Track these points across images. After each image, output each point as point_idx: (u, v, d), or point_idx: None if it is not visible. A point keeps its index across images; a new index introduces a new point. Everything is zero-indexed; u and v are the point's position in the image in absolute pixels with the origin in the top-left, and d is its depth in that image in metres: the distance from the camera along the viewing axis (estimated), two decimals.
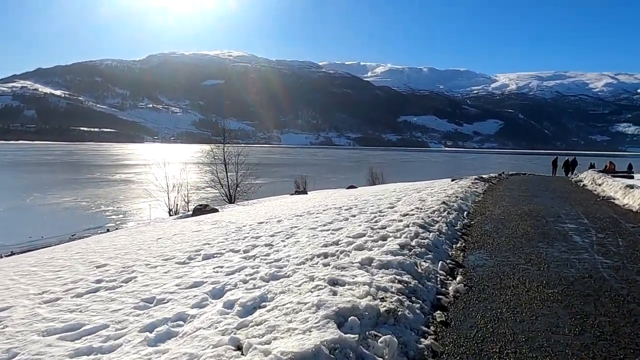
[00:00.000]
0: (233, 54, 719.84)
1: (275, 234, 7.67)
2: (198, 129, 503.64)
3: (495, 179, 21.97)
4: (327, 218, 9.19)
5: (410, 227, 7.12)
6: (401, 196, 13.55)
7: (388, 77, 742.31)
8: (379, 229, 7.24)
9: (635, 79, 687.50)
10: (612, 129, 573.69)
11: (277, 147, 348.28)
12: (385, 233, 6.67)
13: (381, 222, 7.91)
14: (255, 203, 21.79)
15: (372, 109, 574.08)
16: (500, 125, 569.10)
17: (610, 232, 8.03)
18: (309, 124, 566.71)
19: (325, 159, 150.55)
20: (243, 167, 30.95)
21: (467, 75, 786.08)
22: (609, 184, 15.76)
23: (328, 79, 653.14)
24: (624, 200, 12.43)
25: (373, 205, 11.38)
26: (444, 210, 9.15)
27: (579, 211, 10.78)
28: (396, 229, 6.98)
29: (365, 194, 15.69)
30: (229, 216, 12.98)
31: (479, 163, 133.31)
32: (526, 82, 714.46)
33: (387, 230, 6.90)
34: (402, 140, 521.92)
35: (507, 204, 12.10)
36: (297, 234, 7.44)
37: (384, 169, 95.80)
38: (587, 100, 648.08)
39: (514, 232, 8.06)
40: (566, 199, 13.44)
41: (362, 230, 7.09)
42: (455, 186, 15.70)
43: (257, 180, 69.93)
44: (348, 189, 27.75)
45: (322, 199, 16.35)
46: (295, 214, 10.37)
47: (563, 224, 8.91)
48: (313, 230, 7.75)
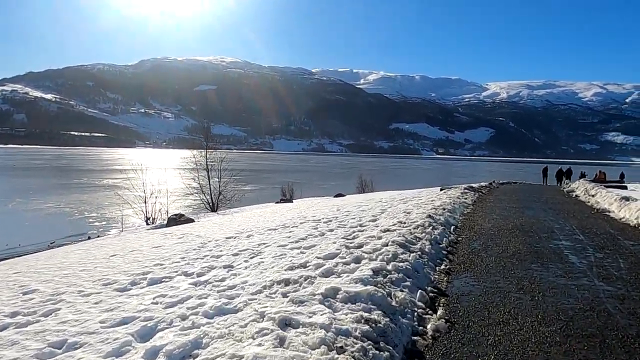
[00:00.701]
0: (226, 60, 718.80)
1: (240, 252, 6.87)
2: (190, 135, 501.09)
3: (485, 188, 21.34)
4: (302, 233, 8.41)
5: (389, 246, 6.36)
6: (386, 207, 12.81)
7: (380, 84, 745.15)
8: (354, 247, 6.47)
9: (623, 89, 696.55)
10: (601, 138, 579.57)
11: (268, 153, 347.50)
12: (360, 254, 5.89)
13: (359, 239, 7.14)
14: (237, 212, 20.96)
15: (364, 116, 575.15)
16: (491, 133, 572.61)
17: (609, 252, 7.32)
18: (301, 131, 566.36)
19: (316, 166, 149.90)
20: (228, 174, 30.04)
21: (459, 83, 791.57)
22: (603, 195, 15.14)
23: (321, 86, 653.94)
24: (620, 213, 11.79)
25: (355, 217, 10.62)
26: (428, 225, 8.40)
27: (574, 225, 10.09)
28: (373, 249, 6.21)
29: (350, 204, 14.94)
30: (200, 228, 12.16)
31: (469, 171, 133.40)
32: (517, 90, 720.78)
33: (362, 250, 6.13)
34: (394, 147, 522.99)
35: (497, 217, 11.40)
36: (264, 253, 6.65)
37: (375, 176, 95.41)
38: (576, 110, 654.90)
39: (504, 251, 7.33)
40: (559, 212, 12.78)
41: (335, 249, 6.32)
42: (443, 196, 15.00)
43: (246, 187, 69.25)
44: (335, 198, 27.02)
45: (305, 208, 15.58)
46: (269, 227, 9.58)
47: (557, 241, 8.20)
48: (282, 248, 6.96)
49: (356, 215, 11.12)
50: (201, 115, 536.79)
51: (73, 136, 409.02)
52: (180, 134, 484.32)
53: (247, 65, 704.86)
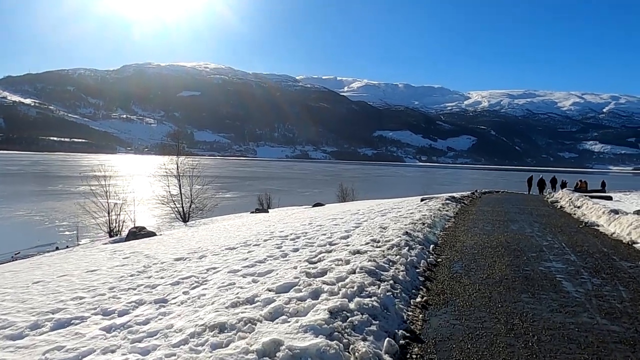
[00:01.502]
0: (210, 66, 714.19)
1: (183, 279, 5.84)
2: (173, 141, 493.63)
3: (467, 198, 20.60)
4: (263, 253, 7.41)
5: (357, 274, 5.40)
6: (362, 221, 11.89)
7: (364, 92, 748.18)
8: (316, 275, 5.51)
9: (600, 99, 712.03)
10: (579, 146, 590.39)
11: (252, 160, 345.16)
12: (320, 286, 4.92)
13: (324, 263, 6.18)
14: (206, 223, 19.82)
15: (348, 124, 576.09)
16: (473, 141, 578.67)
17: (606, 276, 6.48)
18: (285, 137, 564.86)
19: (299, 173, 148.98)
20: (202, 182, 28.84)
21: (442, 91, 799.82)
22: (590, 207, 14.47)
23: (305, 93, 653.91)
24: (610, 227, 11.05)
25: (326, 233, 9.66)
26: (405, 245, 7.48)
27: (563, 242, 9.29)
28: (337, 278, 5.25)
29: (325, 216, 13.99)
30: (155, 245, 11.07)
31: (452, 179, 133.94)
32: (498, 99, 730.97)
33: (324, 280, 5.16)
34: (377, 154, 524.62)
35: (480, 232, 10.56)
36: (209, 282, 5.64)
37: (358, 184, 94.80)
38: (555, 119, 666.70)
39: (489, 276, 6.44)
40: (546, 225, 12.01)
41: (293, 278, 5.35)
42: (424, 208, 14.15)
43: (227, 195, 67.95)
44: (313, 207, 26.07)
45: (277, 221, 14.59)
46: (228, 246, 8.56)
47: (548, 263, 7.35)
48: (233, 274, 5.96)
49: (328, 230, 10.16)
50: (184, 121, 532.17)
51: (52, 142, 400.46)
52: (163, 140, 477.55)
53: (232, 72, 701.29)
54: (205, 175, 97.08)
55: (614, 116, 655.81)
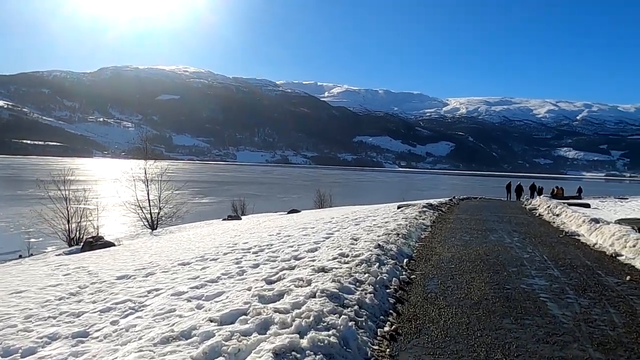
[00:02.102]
0: (189, 70, 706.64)
1: (116, 305, 5.05)
2: (151, 144, 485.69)
3: (445, 205, 20.13)
4: (217, 270, 6.64)
5: (317, 298, 4.69)
6: (334, 230, 11.21)
7: (344, 97, 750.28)
8: (270, 299, 4.78)
9: (574, 107, 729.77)
10: (554, 153, 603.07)
11: (232, 165, 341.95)
12: (271, 315, 4.19)
13: (282, 284, 5.45)
14: (174, 231, 18.87)
15: (328, 129, 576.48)
16: (452, 147, 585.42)
17: (593, 295, 5.92)
18: (265, 142, 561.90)
19: (279, 178, 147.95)
20: (176, 187, 27.76)
21: (421, 98, 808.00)
22: (569, 216, 14.09)
23: (285, 98, 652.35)
24: (591, 237, 10.61)
25: (293, 245, 8.94)
26: (375, 261, 6.80)
27: (545, 255, 8.76)
28: (293, 303, 4.53)
29: (296, 225, 13.27)
30: (107, 258, 10.17)
31: (431, 184, 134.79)
32: (475, 106, 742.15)
33: (278, 306, 4.44)
34: (357, 159, 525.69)
35: (458, 243, 9.97)
36: (146, 308, 4.85)
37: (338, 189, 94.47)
38: (531, 125, 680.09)
39: (467, 296, 5.80)
40: (525, 235, 11.51)
41: (243, 303, 4.60)
42: (400, 216, 13.55)
43: (204, 200, 66.56)
44: (288, 213, 25.31)
45: (245, 230, 13.81)
46: (182, 261, 7.76)
47: (530, 279, 6.76)
48: (177, 298, 5.18)
49: (296, 242, 9.44)
50: (163, 125, 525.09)
51: (26, 145, 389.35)
52: (141, 143, 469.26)
53: (211, 76, 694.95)
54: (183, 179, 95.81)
55: (587, 124, 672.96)
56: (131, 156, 28.55)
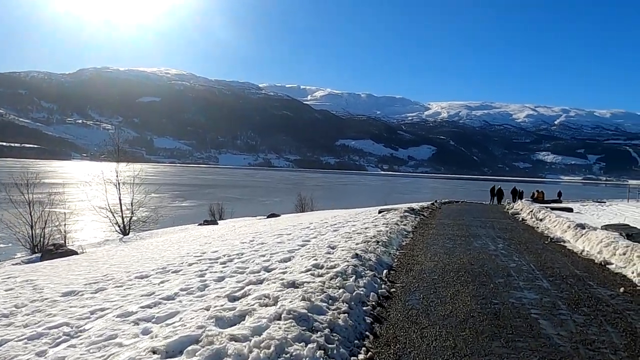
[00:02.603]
0: (171, 72, 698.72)
1: (49, 330, 4.34)
2: (132, 147, 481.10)
3: (427, 210, 19.70)
4: (177, 285, 5.98)
5: (282, 321, 4.08)
6: (311, 237, 10.61)
7: (327, 101, 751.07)
8: (229, 322, 4.16)
9: (552, 112, 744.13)
10: (533, 157, 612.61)
11: (214, 168, 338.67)
12: (226, 344, 3.55)
13: (246, 302, 4.83)
14: (146, 237, 18.01)
15: (311, 132, 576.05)
16: (433, 151, 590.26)
17: (588, 311, 5.43)
18: (247, 145, 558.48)
19: (261, 181, 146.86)
20: (153, 190, 26.80)
21: (403, 102, 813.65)
22: (553, 221, 13.74)
23: (268, 101, 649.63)
24: (578, 244, 10.21)
25: (265, 254, 8.31)
26: (352, 273, 6.22)
27: (532, 263, 8.29)
28: (254, 328, 3.91)
29: (272, 231, 12.63)
30: (61, 269, 9.37)
31: (413, 187, 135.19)
32: (457, 110, 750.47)
33: (235, 332, 3.80)
34: (340, 163, 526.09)
35: (441, 250, 9.46)
36: (83, 334, 4.17)
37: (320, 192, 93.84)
38: (511, 130, 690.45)
39: (452, 313, 5.26)
40: (510, 241, 11.08)
41: (196, 328, 3.96)
42: (381, 222, 13.02)
43: (184, 203, 65.22)
44: (267, 218, 24.61)
45: (218, 236, 13.12)
46: (141, 273, 7.06)
47: (518, 292, 6.26)
48: (122, 320, 4.51)
49: (269, 250, 8.81)
50: (144, 127, 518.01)
51: (1, 147, 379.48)
52: (121, 146, 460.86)
53: (193, 78, 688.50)
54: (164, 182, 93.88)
55: (564, 128, 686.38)
56: (111, 159, 27.48)
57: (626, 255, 8.02)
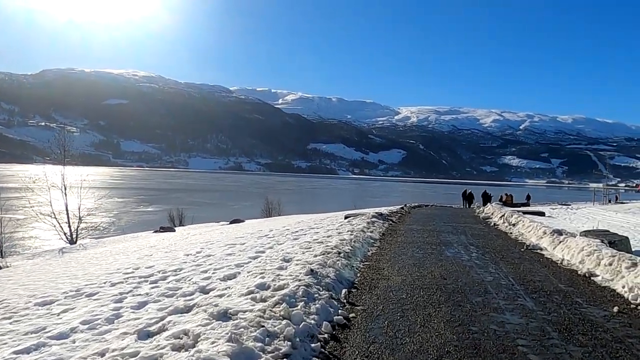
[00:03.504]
0: (139, 74, 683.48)
1: None
2: (97, 150, 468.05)
3: (396, 214, 18.83)
4: (83, 314, 4.76)
5: None
6: (266, 248, 9.48)
7: (299, 105, 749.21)
8: None
9: (517, 117, 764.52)
10: (499, 161, 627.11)
11: (183, 172, 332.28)
12: None
13: (157, 343, 3.70)
14: (91, 247, 16.46)
15: (282, 136, 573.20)
16: (403, 154, 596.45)
17: (584, 339, 4.50)
18: (218, 149, 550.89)
19: (232, 185, 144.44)
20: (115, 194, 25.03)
21: (373, 106, 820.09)
22: (527, 226, 13.04)
23: (239, 104, 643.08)
24: (556, 252, 9.44)
25: (208, 269, 7.14)
26: (303, 295, 5.13)
27: (510, 276, 7.39)
28: None
29: (226, 240, 11.44)
30: None
31: (383, 191, 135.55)
32: (426, 115, 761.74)
33: None
34: (311, 167, 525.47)
35: (410, 261, 8.49)
36: None
37: (290, 196, 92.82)
38: (478, 134, 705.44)
39: (423, 347, 4.23)
40: (484, 249, 10.23)
41: None
42: (346, 228, 12.00)
43: (149, 208, 62.85)
44: (231, 223, 23.31)
45: (166, 246, 11.85)
46: (46, 298, 5.79)
47: (500, 315, 5.30)
48: None
49: (214, 264, 7.64)
50: (110, 130, 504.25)
51: None
52: (86, 149, 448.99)
53: (162, 80, 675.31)
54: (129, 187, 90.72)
55: (529, 133, 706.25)
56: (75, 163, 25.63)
57: (612, 266, 7.22)
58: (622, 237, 9.03)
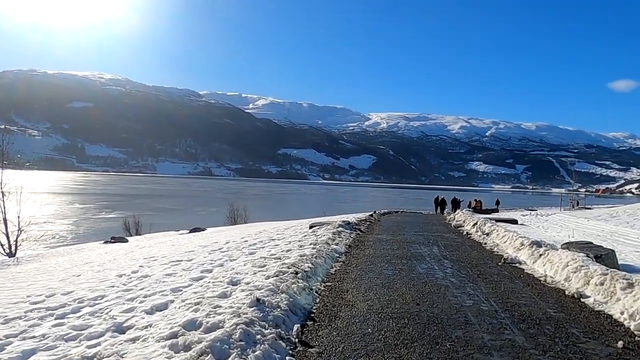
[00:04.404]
0: (105, 76, 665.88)
1: None
2: (60, 155, 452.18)
3: (364, 223, 17.86)
4: None
5: None
6: (215, 265, 8.28)
7: (269, 109, 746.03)
8: None
9: (484, 124, 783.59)
10: (467, 166, 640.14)
11: (150, 177, 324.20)
12: None
13: None
14: (26, 261, 14.80)
15: (253, 141, 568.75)
16: (373, 160, 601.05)
17: None
18: (187, 153, 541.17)
19: (200, 190, 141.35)
20: (75, 201, 23.10)
21: (344, 112, 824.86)
22: (501, 236, 12.26)
23: (209, 109, 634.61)
24: (537, 267, 8.60)
25: (136, 298, 5.91)
26: (240, 339, 4.00)
27: (491, 298, 6.45)
28: None
29: (173, 254, 10.16)
30: None
31: (353, 196, 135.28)
32: (395, 121, 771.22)
33: None
34: (282, 172, 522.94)
35: (378, 282, 7.45)
36: None
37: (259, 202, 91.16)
38: (446, 140, 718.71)
39: None
40: (459, 264, 9.31)
41: None
42: (309, 240, 10.91)
43: (111, 214, 60.07)
44: (191, 232, 21.88)
45: (102, 262, 10.47)
46: None
47: (487, 357, 4.30)
48: None
49: (147, 288, 6.40)
50: (75, 134, 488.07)
51: None
52: (49, 153, 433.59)
53: (129, 83, 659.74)
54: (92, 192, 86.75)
55: (495, 139, 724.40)
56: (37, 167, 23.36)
57: (605, 286, 6.37)
58: (608, 251, 8.30)
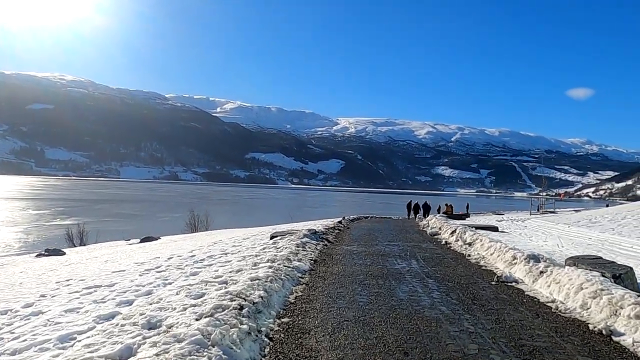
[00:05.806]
0: (66, 78, 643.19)
1: None
2: (18, 158, 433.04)
3: (333, 231, 16.21)
4: None
5: None
6: (141, 294, 6.43)
7: (237, 114, 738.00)
8: None
9: (450, 129, 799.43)
10: (433, 171, 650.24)
11: (114, 181, 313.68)
12: None
13: None
14: None
15: (220, 145, 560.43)
16: (342, 164, 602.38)
17: None
18: (152, 158, 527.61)
19: (165, 195, 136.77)
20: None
21: (312, 117, 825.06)
22: (487, 247, 10.83)
23: (175, 112, 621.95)
24: (539, 288, 7.13)
25: (6, 350, 4.04)
26: None
27: (498, 337, 4.87)
28: None
29: (95, 276, 8.23)
30: None
31: (322, 200, 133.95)
32: (363, 126, 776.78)
33: None
34: (250, 176, 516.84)
35: (350, 315, 5.78)
36: None
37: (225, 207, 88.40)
38: (413, 145, 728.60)
39: None
40: (446, 284, 7.76)
41: None
42: (267, 255, 9.16)
43: (67, 221, 56.32)
44: (142, 242, 19.76)
45: (14, 282, 8.47)
46: None
47: None
48: None
49: (24, 336, 4.53)
50: (34, 137, 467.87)
51: None
52: (6, 157, 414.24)
53: (92, 85, 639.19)
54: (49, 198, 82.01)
55: (460, 145, 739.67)
56: None
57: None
58: (626, 269, 6.94)
